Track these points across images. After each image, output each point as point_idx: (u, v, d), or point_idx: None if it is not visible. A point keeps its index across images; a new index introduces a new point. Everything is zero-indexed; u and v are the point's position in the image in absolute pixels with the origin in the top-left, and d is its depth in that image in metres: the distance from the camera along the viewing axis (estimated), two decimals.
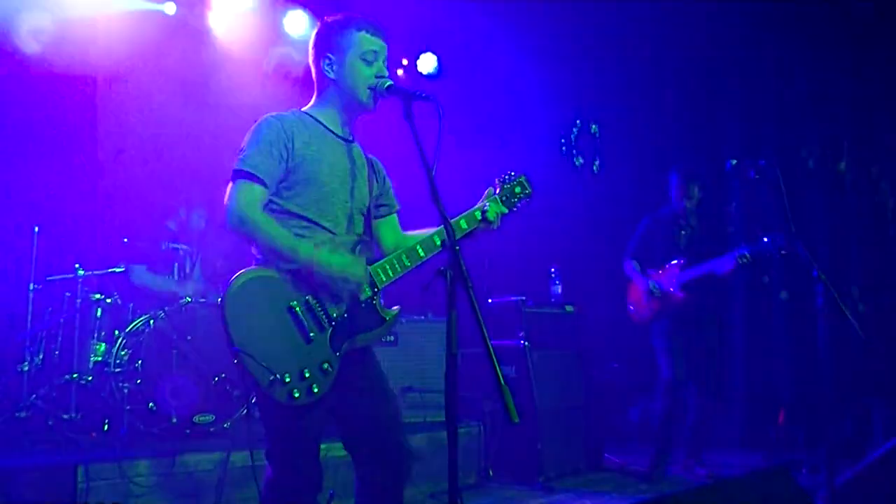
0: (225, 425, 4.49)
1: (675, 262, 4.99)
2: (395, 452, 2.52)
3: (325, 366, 2.36)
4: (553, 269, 5.86)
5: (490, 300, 5.68)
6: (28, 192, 5.35)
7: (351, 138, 2.63)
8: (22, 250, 4.87)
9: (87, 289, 4.82)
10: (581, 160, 7.00)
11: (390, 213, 2.77)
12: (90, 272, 4.82)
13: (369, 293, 2.48)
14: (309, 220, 2.46)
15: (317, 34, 2.61)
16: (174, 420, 4.35)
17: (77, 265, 4.79)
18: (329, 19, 2.60)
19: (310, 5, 6.47)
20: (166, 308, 4.61)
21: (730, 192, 6.61)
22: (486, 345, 1.94)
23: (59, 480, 3.51)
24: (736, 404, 6.38)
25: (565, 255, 6.33)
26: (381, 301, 2.55)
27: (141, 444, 4.17)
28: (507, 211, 2.79)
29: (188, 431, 4.38)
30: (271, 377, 2.25)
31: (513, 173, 2.85)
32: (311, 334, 2.36)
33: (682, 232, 5.10)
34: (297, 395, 2.28)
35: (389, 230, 2.76)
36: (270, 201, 2.45)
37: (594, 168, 7.07)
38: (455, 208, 2.73)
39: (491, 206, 2.72)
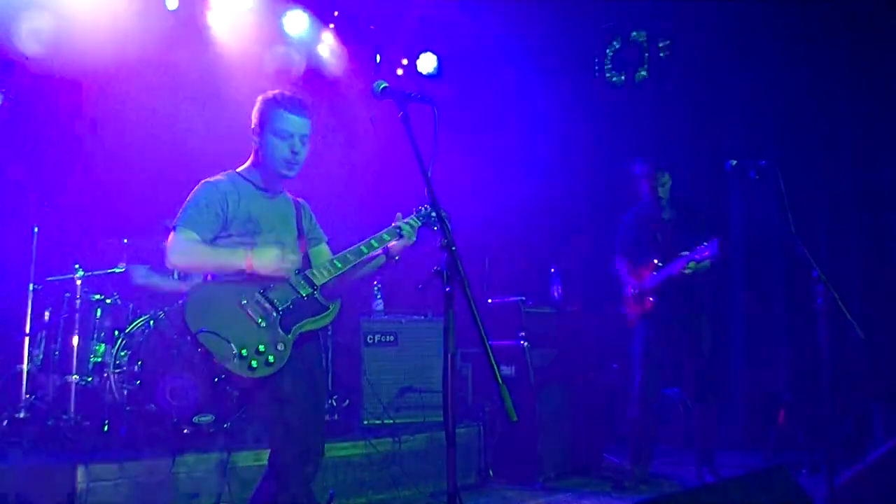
0: (225, 425, 4.48)
1: (655, 262, 4.84)
2: (315, 436, 2.86)
3: (280, 346, 2.70)
4: (553, 269, 5.86)
5: (490, 300, 5.68)
6: (28, 192, 5.35)
7: (276, 191, 3.05)
8: (22, 250, 4.86)
9: (86, 289, 4.82)
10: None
11: (319, 244, 3.22)
12: (90, 272, 4.81)
13: (309, 290, 2.86)
14: None
15: (255, 107, 2.98)
16: (174, 420, 4.34)
17: (77, 265, 4.78)
18: (264, 95, 2.98)
19: (310, 5, 6.47)
20: (166, 308, 4.61)
21: (730, 192, 6.61)
22: (484, 344, 1.95)
23: (59, 480, 3.51)
24: (736, 404, 6.38)
25: (565, 255, 6.33)
26: (323, 296, 2.92)
27: (141, 444, 4.16)
28: (428, 226, 3.10)
29: (188, 431, 4.38)
30: (230, 350, 2.59)
31: (424, 206, 3.15)
32: (261, 322, 2.71)
33: (657, 227, 4.93)
34: (254, 364, 2.61)
35: (320, 256, 3.18)
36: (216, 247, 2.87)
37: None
38: (455, 208, 2.75)
39: (405, 226, 3.06)
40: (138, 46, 5.63)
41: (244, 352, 2.60)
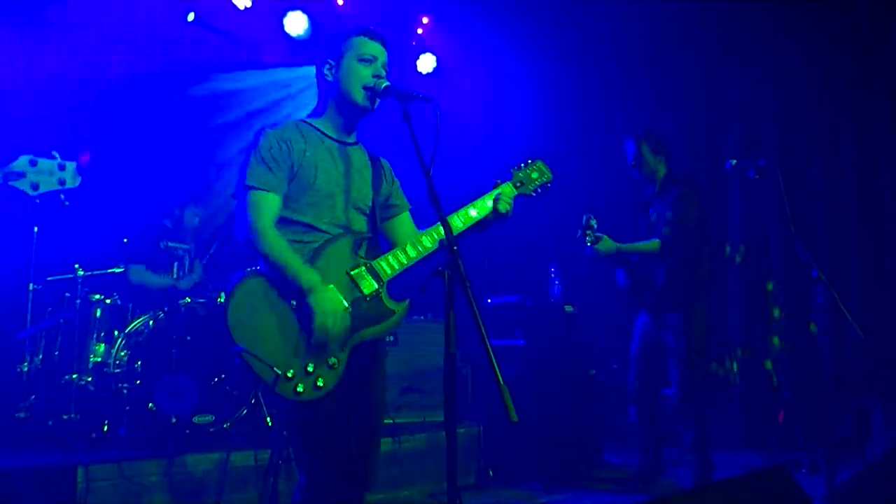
0: (225, 425, 4.48)
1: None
2: (360, 464, 2.48)
3: (332, 360, 2.34)
4: (553, 269, 5.86)
5: (489, 300, 5.68)
6: (25, 200, 5.34)
7: (352, 141, 2.67)
8: (22, 250, 4.86)
9: (86, 289, 4.82)
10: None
11: (401, 212, 2.76)
12: (90, 272, 4.81)
13: (374, 287, 2.46)
14: (306, 225, 2.48)
15: (321, 45, 2.73)
16: (174, 420, 4.34)
17: (77, 265, 4.78)
18: (337, 30, 2.73)
19: (310, 6, 6.47)
20: (166, 308, 4.61)
21: (730, 192, 6.62)
22: (485, 344, 1.94)
23: (59, 481, 3.51)
24: (735, 404, 6.37)
25: (565, 255, 6.32)
26: (389, 294, 2.52)
27: (141, 444, 4.16)
28: (526, 194, 2.80)
29: (188, 432, 4.37)
30: (274, 374, 2.25)
31: (529, 160, 2.86)
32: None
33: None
34: (301, 389, 2.27)
35: (403, 228, 2.74)
36: None
37: None
38: (455, 207, 2.74)
39: (504, 190, 2.72)
40: (143, 49, 5.65)
41: (290, 373, 2.26)
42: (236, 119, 5.95)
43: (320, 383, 2.30)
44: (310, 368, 2.30)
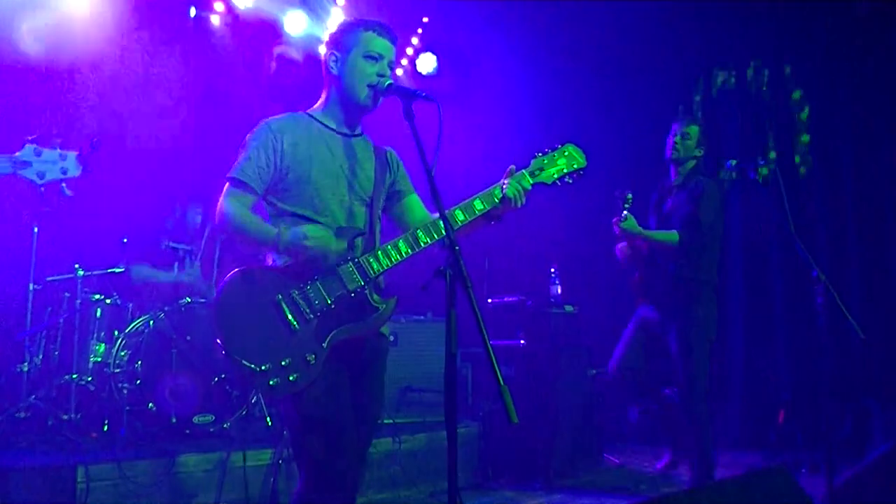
0: (224, 425, 4.49)
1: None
2: (352, 465, 2.45)
3: (310, 357, 2.35)
4: (553, 269, 5.86)
5: (490, 300, 5.68)
6: (28, 192, 5.33)
7: (354, 133, 2.66)
8: (22, 250, 4.86)
9: (86, 289, 4.82)
10: None
11: (405, 197, 2.74)
12: (90, 272, 4.81)
13: (359, 283, 2.44)
14: (304, 218, 2.49)
15: (330, 34, 2.68)
16: (174, 420, 4.34)
17: (77, 265, 4.78)
18: (343, 21, 2.70)
19: (310, 5, 6.47)
20: (166, 308, 4.61)
21: (730, 192, 6.61)
22: (486, 345, 1.94)
23: (58, 480, 3.51)
24: (735, 404, 6.38)
25: (565, 255, 6.32)
26: (377, 291, 2.52)
27: (141, 444, 4.16)
28: (544, 182, 2.69)
29: (188, 431, 4.38)
30: (249, 368, 2.29)
31: (558, 145, 2.75)
32: (295, 326, 2.36)
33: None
34: (273, 383, 2.30)
35: (411, 210, 2.72)
36: (269, 203, 2.55)
37: None
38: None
39: (511, 182, 2.61)
40: (142, 48, 5.64)
41: (265, 367, 2.29)
42: (239, 116, 5.95)
43: (292, 378, 2.32)
44: (284, 363, 2.32)
